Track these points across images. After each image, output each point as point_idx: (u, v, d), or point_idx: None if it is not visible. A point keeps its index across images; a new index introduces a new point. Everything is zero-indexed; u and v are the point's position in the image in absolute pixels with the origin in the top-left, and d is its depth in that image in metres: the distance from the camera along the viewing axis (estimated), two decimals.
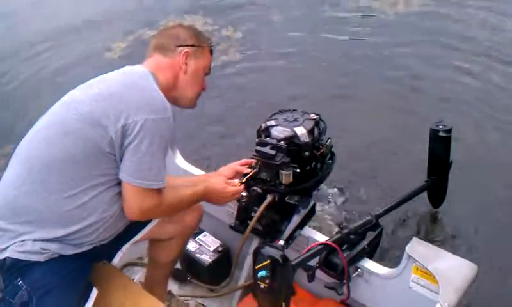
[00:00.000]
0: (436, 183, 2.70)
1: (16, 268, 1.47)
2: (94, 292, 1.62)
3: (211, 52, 1.89)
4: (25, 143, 1.60)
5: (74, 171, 1.50)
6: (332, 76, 4.70)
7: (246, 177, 1.95)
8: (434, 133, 2.50)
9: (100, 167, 1.52)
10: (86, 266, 1.63)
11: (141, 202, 1.55)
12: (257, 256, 1.58)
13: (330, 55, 5.07)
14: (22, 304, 1.45)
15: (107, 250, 1.74)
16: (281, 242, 1.75)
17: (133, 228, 1.76)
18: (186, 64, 1.77)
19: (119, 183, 1.56)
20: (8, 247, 1.47)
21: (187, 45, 1.78)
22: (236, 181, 1.94)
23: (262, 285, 1.56)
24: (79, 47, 6.14)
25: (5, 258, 1.47)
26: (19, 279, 1.46)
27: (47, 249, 1.48)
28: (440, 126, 2.48)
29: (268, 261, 1.55)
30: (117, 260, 1.82)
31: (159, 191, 1.58)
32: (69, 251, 1.53)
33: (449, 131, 2.46)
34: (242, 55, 5.33)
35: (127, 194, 1.55)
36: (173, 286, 2.33)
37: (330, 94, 4.36)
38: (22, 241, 1.47)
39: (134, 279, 2.38)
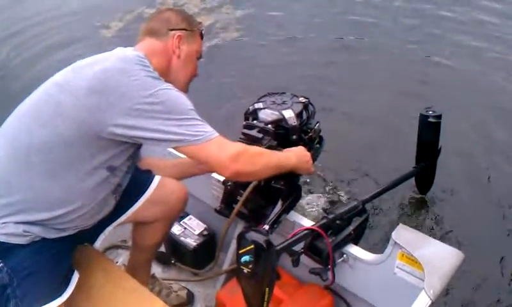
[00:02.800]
0: (425, 170, 2.70)
1: None
2: (76, 275, 1.60)
3: (202, 36, 1.85)
4: (12, 121, 1.55)
5: (64, 153, 1.46)
6: (329, 59, 4.70)
7: None
8: (423, 119, 2.49)
9: (92, 151, 1.47)
10: (68, 249, 1.60)
11: (220, 153, 1.49)
12: (241, 240, 1.56)
13: (329, 38, 5.09)
14: (2, 286, 1.41)
15: (90, 233, 1.71)
16: (266, 227, 1.74)
17: (117, 210, 1.73)
18: (179, 48, 1.73)
19: (108, 168, 1.52)
20: None
21: (179, 29, 1.74)
22: None
23: (246, 270, 1.54)
24: (75, 24, 6.11)
25: None
26: (0, 262, 1.42)
27: (29, 231, 1.45)
28: (430, 112, 2.47)
29: (252, 246, 1.52)
30: (99, 243, 1.79)
31: (228, 142, 1.53)
32: (52, 234, 1.50)
33: (439, 117, 2.46)
34: (240, 34, 5.32)
35: (202, 156, 1.51)
36: (156, 269, 2.32)
37: (324, 75, 4.37)
38: (4, 223, 1.43)
39: (117, 262, 2.37)
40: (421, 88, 4.05)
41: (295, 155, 1.79)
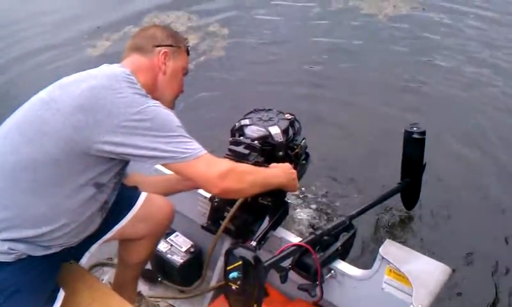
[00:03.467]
0: (410, 185, 2.71)
1: None
2: (61, 293, 1.58)
3: (188, 52, 1.85)
4: None
5: (51, 171, 1.44)
6: (316, 76, 4.74)
7: None
8: (408, 135, 2.51)
9: (79, 168, 1.46)
10: (54, 267, 1.59)
11: (209, 171, 1.50)
12: (229, 256, 1.55)
13: (315, 55, 5.14)
14: None
15: (76, 250, 1.69)
16: (254, 243, 1.74)
17: (103, 227, 1.70)
18: (165, 64, 1.73)
19: (95, 185, 1.51)
20: None
21: (165, 45, 1.73)
22: None
23: (234, 286, 1.53)
24: (60, 42, 6.08)
25: None
26: None
27: (15, 249, 1.43)
28: (414, 128, 2.50)
29: (240, 262, 1.52)
30: (85, 260, 1.77)
31: (217, 160, 1.55)
32: (38, 252, 1.48)
33: (423, 133, 2.47)
34: (226, 51, 5.35)
35: (190, 173, 1.51)
36: (143, 287, 2.29)
37: (311, 93, 4.40)
38: None
39: (103, 280, 2.33)
40: (407, 105, 4.08)
41: (282, 172, 1.81)
